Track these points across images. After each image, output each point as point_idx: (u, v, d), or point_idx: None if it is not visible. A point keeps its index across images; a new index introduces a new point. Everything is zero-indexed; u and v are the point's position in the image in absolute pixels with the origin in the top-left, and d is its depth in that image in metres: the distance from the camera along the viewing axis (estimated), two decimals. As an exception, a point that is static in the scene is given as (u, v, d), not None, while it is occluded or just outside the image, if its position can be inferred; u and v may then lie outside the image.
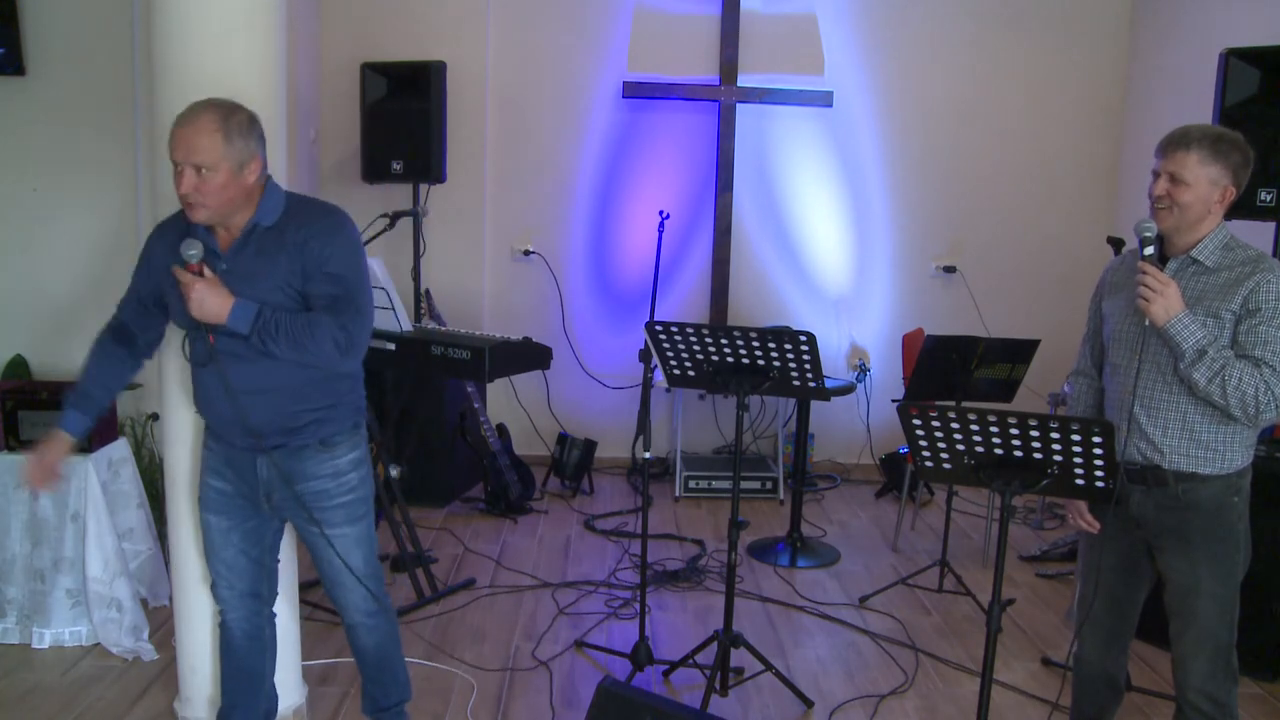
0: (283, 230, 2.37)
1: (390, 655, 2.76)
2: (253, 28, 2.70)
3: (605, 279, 5.80)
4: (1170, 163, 2.37)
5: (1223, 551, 2.41)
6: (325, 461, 2.51)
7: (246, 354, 2.36)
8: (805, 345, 3.01)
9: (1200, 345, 2.31)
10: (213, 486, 2.56)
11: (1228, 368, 2.29)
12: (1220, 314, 2.34)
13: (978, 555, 4.66)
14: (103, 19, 4.41)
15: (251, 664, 2.67)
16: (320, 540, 2.54)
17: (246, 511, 2.57)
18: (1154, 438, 2.42)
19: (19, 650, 3.47)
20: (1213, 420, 2.38)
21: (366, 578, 2.61)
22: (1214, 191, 2.36)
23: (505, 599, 4.06)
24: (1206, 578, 2.41)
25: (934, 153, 5.73)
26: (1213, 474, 2.39)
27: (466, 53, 5.43)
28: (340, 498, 2.55)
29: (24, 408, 3.49)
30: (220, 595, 2.63)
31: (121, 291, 2.59)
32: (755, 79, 5.57)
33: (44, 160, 4.45)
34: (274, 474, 2.49)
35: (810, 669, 3.55)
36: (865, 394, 5.79)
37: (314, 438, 2.49)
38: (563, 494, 5.44)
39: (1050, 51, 5.66)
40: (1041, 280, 5.80)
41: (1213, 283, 2.37)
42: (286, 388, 2.42)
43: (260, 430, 2.41)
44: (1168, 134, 2.41)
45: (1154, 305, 2.33)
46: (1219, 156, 2.34)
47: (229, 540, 2.57)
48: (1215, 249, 2.39)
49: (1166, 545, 2.46)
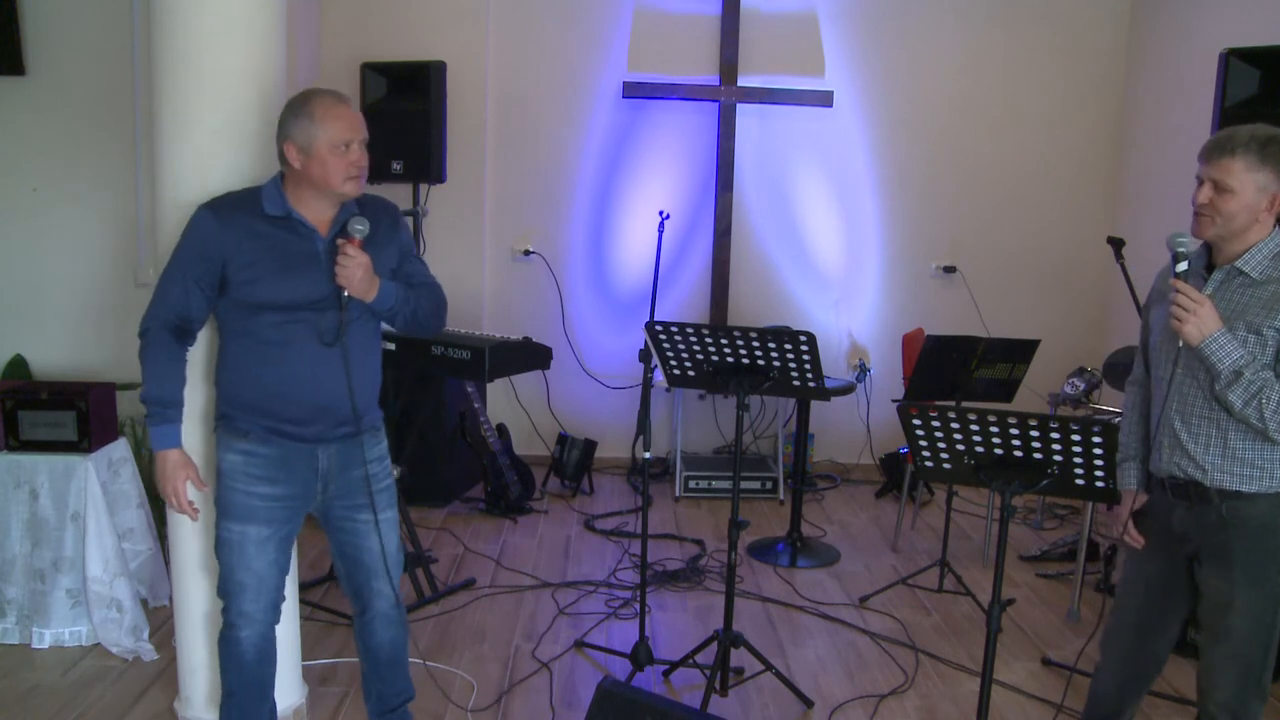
0: (376, 218, 2.50)
1: (404, 651, 2.76)
2: (252, 27, 2.70)
3: (605, 279, 5.80)
4: (1214, 169, 2.21)
5: (1264, 573, 2.28)
6: (375, 445, 2.60)
7: (354, 334, 2.47)
8: (805, 345, 3.01)
9: (1237, 366, 2.18)
10: (257, 494, 2.47)
11: (1265, 389, 2.16)
12: (1262, 330, 2.20)
13: (978, 555, 4.66)
14: (103, 19, 4.42)
15: (262, 673, 2.62)
16: (366, 527, 2.57)
17: (289, 515, 2.53)
18: (1194, 454, 2.31)
19: (19, 650, 3.47)
20: (1253, 439, 2.25)
21: (398, 565, 2.67)
22: (1262, 199, 2.20)
23: (505, 599, 4.06)
24: (1243, 596, 2.29)
25: (933, 152, 5.73)
26: (1259, 492, 2.26)
27: (466, 53, 5.43)
28: (384, 480, 2.63)
29: (24, 408, 3.48)
30: (244, 610, 2.51)
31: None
32: (755, 79, 5.57)
33: (44, 160, 4.45)
34: (333, 463, 2.52)
35: (810, 669, 3.55)
36: (865, 394, 5.80)
37: (375, 421, 2.60)
38: (563, 494, 5.44)
39: (1051, 51, 5.67)
40: (1042, 280, 5.80)
41: (1258, 296, 2.23)
42: (373, 369, 2.60)
43: (361, 409, 2.49)
44: (1213, 137, 2.26)
45: (1187, 325, 2.20)
46: (1267, 161, 2.18)
47: (264, 551, 2.49)
48: (1264, 260, 2.24)
49: (1206, 560, 2.35)
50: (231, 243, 2.38)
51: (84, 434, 3.49)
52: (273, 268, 2.39)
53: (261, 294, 2.39)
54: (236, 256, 2.38)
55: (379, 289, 2.46)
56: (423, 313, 2.61)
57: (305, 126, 2.37)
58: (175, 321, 2.44)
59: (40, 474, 3.45)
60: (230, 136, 2.68)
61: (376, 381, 2.62)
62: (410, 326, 2.62)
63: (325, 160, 2.38)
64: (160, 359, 2.44)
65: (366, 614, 2.68)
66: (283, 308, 2.39)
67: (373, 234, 2.47)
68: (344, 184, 2.41)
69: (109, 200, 4.48)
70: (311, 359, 2.42)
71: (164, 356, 2.45)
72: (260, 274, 2.38)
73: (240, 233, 2.39)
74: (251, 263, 2.38)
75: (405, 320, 2.58)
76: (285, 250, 2.40)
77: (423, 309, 2.61)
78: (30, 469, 3.46)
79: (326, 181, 2.39)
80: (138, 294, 4.42)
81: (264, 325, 2.41)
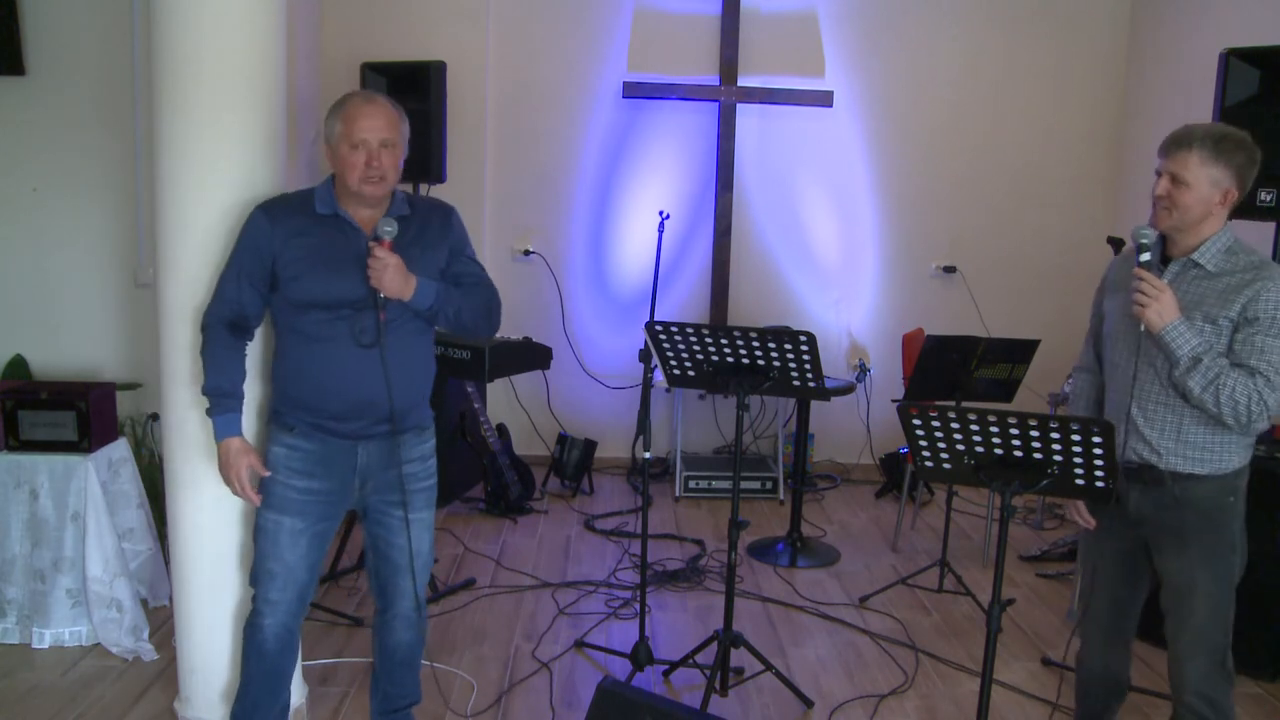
0: (426, 219, 2.56)
1: (418, 655, 2.77)
2: (253, 27, 2.70)
3: (605, 279, 5.80)
4: (1171, 162, 2.33)
5: (1218, 551, 2.40)
6: (417, 445, 2.62)
7: (396, 333, 2.47)
8: (805, 345, 3.01)
9: (1195, 353, 2.30)
10: (295, 487, 2.51)
11: (1222, 376, 2.27)
12: (1218, 320, 2.32)
13: (978, 555, 4.66)
14: (103, 19, 4.41)
15: (281, 665, 2.63)
16: (398, 524, 2.58)
17: (326, 511, 2.56)
18: (1150, 438, 2.42)
19: (19, 650, 3.47)
20: (1207, 424, 2.36)
21: (426, 567, 2.68)
22: (1215, 193, 2.32)
23: (505, 599, 4.06)
24: (1202, 577, 2.40)
25: (934, 152, 5.73)
26: (1209, 474, 2.38)
27: (466, 53, 5.43)
28: (425, 481, 2.65)
29: (24, 408, 3.48)
30: (270, 598, 2.54)
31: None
32: (755, 79, 5.57)
33: (44, 160, 4.45)
34: (372, 460, 2.54)
35: (810, 669, 3.55)
36: (865, 394, 5.80)
37: (419, 421, 2.62)
38: (563, 494, 5.44)
39: (1050, 51, 5.67)
40: (1042, 280, 5.80)
41: (1213, 288, 2.34)
42: (420, 368, 2.61)
43: (401, 410, 2.50)
44: (1171, 133, 2.37)
45: (1148, 311, 2.32)
46: (1221, 156, 2.30)
47: (297, 543, 2.52)
48: (1218, 253, 2.36)
49: (1164, 544, 2.46)
50: (281, 240, 2.45)
51: (84, 434, 3.49)
52: (317, 266, 2.43)
53: (306, 291, 2.44)
54: (285, 254, 2.45)
55: (416, 288, 2.45)
56: (468, 312, 2.60)
57: (332, 124, 2.45)
58: (231, 318, 2.52)
59: (40, 474, 3.45)
60: (230, 137, 2.68)
61: (425, 381, 2.64)
62: (455, 327, 2.61)
63: (343, 158, 2.43)
64: (219, 352, 2.52)
65: (388, 612, 2.69)
66: (326, 305, 2.44)
67: (421, 234, 2.53)
68: (360, 185, 2.43)
69: (109, 200, 4.48)
70: (353, 357, 2.46)
71: (222, 350, 2.52)
72: (304, 271, 2.44)
73: (290, 231, 2.45)
74: (297, 260, 2.44)
75: (449, 320, 2.58)
76: (331, 249, 2.45)
77: (469, 309, 2.60)
78: (30, 469, 3.46)
79: (344, 180, 2.44)
80: (138, 294, 4.42)
81: (310, 323, 2.46)
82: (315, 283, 2.43)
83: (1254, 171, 2.35)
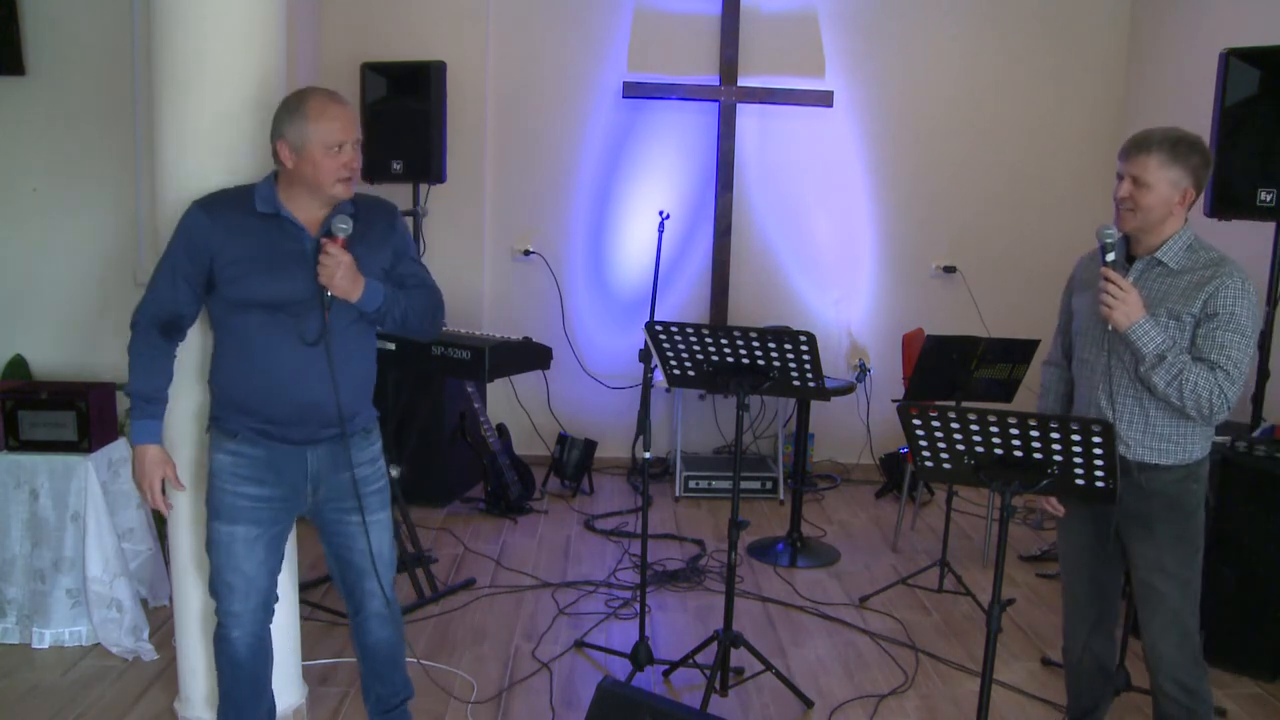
0: (370, 218, 2.49)
1: (400, 651, 2.77)
2: (252, 27, 2.70)
3: (605, 279, 5.80)
4: (1132, 165, 2.44)
5: (1184, 534, 2.49)
6: (366, 447, 2.58)
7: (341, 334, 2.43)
8: (805, 345, 3.01)
9: (1160, 350, 2.38)
10: (245, 495, 2.46)
11: (1185, 371, 2.36)
12: (1181, 316, 2.41)
13: (978, 555, 4.66)
14: (103, 19, 4.42)
15: (256, 671, 2.62)
16: (356, 529, 2.55)
17: (277, 516, 2.52)
18: (1119, 430, 2.48)
19: (19, 650, 3.47)
20: (1172, 417, 2.46)
21: (390, 565, 2.66)
22: (1175, 193, 2.41)
23: (505, 599, 4.06)
24: (1169, 561, 2.49)
25: (934, 153, 5.73)
26: (1174, 464, 2.48)
27: (466, 53, 5.43)
28: (376, 483, 2.61)
29: (24, 408, 3.48)
30: (232, 610, 2.51)
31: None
32: (755, 79, 5.57)
33: (44, 160, 4.45)
34: (323, 464, 2.50)
35: (810, 669, 3.55)
36: (865, 394, 5.79)
37: (365, 423, 2.58)
38: (563, 494, 5.44)
39: (1050, 51, 5.66)
40: (1041, 280, 5.76)
41: (1176, 285, 2.44)
42: (363, 370, 2.56)
43: (346, 412, 2.45)
44: (1130, 137, 2.49)
45: (1115, 312, 2.40)
46: (1178, 159, 2.40)
47: (253, 551, 2.48)
48: (1179, 251, 2.46)
49: (1132, 532, 2.54)
50: (219, 239, 2.38)
51: (84, 434, 3.49)
52: (258, 265, 2.37)
53: (246, 291, 2.38)
54: (223, 253, 2.38)
55: (364, 289, 2.41)
56: (414, 315, 2.56)
57: (299, 126, 2.34)
58: (164, 317, 2.45)
59: (40, 474, 3.46)
60: (230, 136, 2.68)
61: (368, 382, 2.59)
62: (401, 329, 2.57)
63: (317, 161, 2.35)
64: (145, 354, 2.46)
65: (360, 614, 2.69)
66: (268, 306, 2.38)
67: (366, 234, 2.46)
68: (334, 186, 2.38)
69: (109, 200, 4.48)
70: (297, 359, 2.40)
71: (149, 351, 2.46)
72: (245, 271, 2.37)
73: (229, 229, 2.38)
74: (237, 259, 2.37)
75: (395, 323, 2.54)
76: (272, 248, 2.39)
77: (414, 311, 2.56)
78: (30, 469, 3.46)
79: (317, 182, 2.37)
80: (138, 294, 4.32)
81: (250, 324, 2.40)
82: (258, 282, 2.36)
83: (1208, 173, 2.45)
